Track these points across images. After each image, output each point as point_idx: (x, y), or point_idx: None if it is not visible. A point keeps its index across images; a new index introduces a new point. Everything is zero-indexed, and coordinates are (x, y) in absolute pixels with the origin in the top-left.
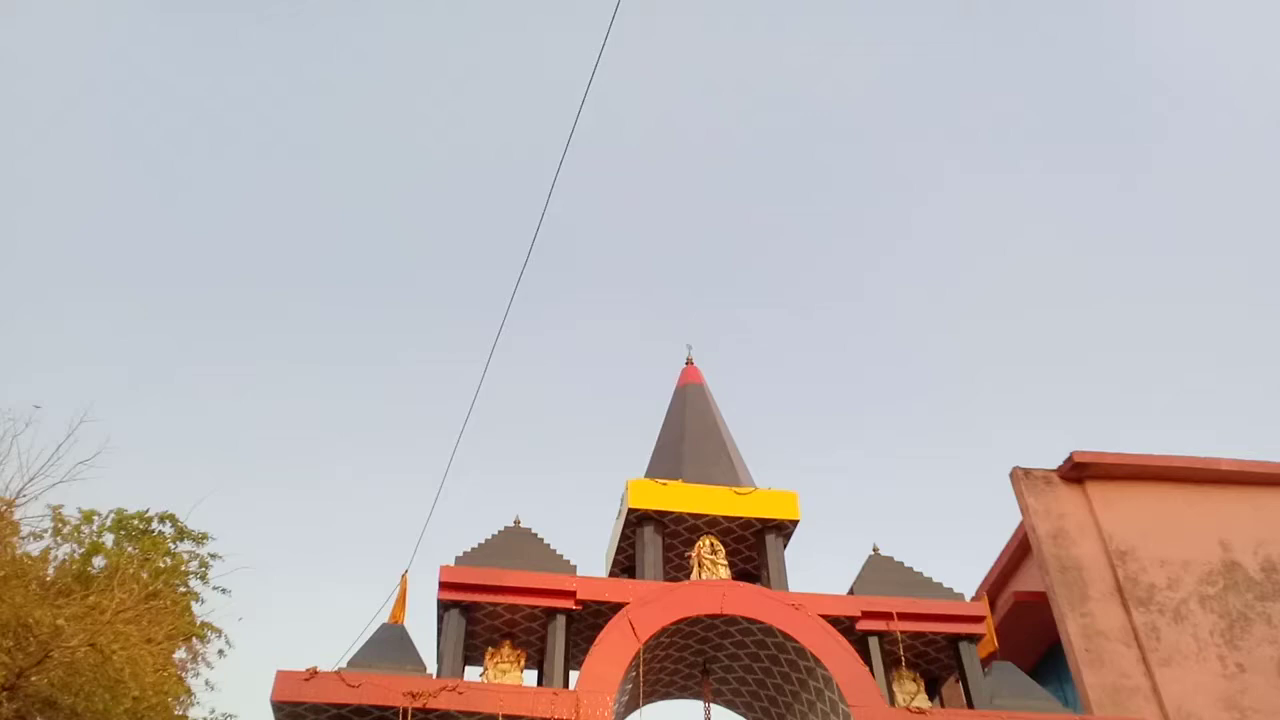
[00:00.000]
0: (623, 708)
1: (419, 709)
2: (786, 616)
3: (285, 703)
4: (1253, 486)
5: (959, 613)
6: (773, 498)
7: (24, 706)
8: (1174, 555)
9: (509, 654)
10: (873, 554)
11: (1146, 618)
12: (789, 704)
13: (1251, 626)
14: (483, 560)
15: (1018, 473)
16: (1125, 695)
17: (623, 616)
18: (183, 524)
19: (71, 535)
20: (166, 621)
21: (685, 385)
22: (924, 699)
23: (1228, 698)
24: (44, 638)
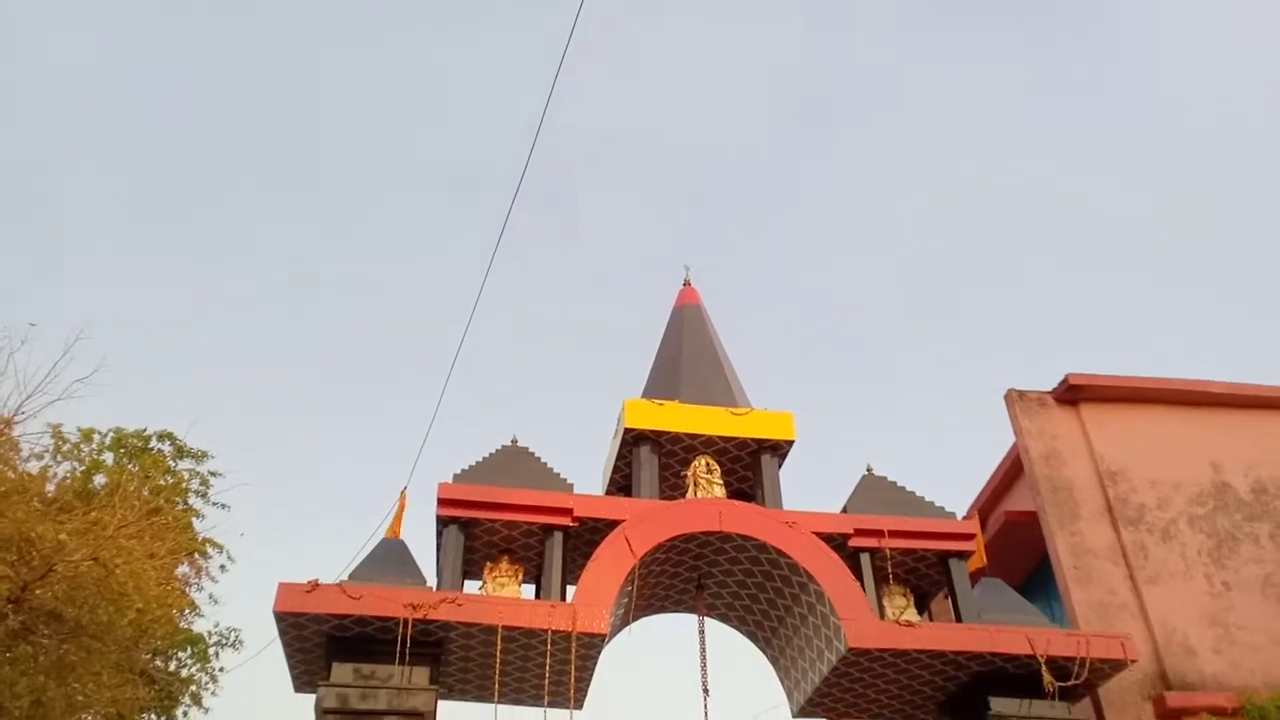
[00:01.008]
0: (618, 620)
1: (419, 620)
2: (780, 534)
3: (287, 614)
4: (1245, 409)
5: (949, 530)
6: (769, 418)
7: (29, 619)
8: (1165, 476)
9: (507, 569)
10: (866, 474)
11: (1135, 537)
12: (781, 618)
13: (1239, 546)
14: (480, 478)
15: (1012, 395)
16: (1111, 611)
17: (619, 533)
18: (181, 442)
19: (71, 453)
20: (168, 537)
21: (683, 306)
22: (913, 613)
23: (1213, 615)
24: (46, 552)
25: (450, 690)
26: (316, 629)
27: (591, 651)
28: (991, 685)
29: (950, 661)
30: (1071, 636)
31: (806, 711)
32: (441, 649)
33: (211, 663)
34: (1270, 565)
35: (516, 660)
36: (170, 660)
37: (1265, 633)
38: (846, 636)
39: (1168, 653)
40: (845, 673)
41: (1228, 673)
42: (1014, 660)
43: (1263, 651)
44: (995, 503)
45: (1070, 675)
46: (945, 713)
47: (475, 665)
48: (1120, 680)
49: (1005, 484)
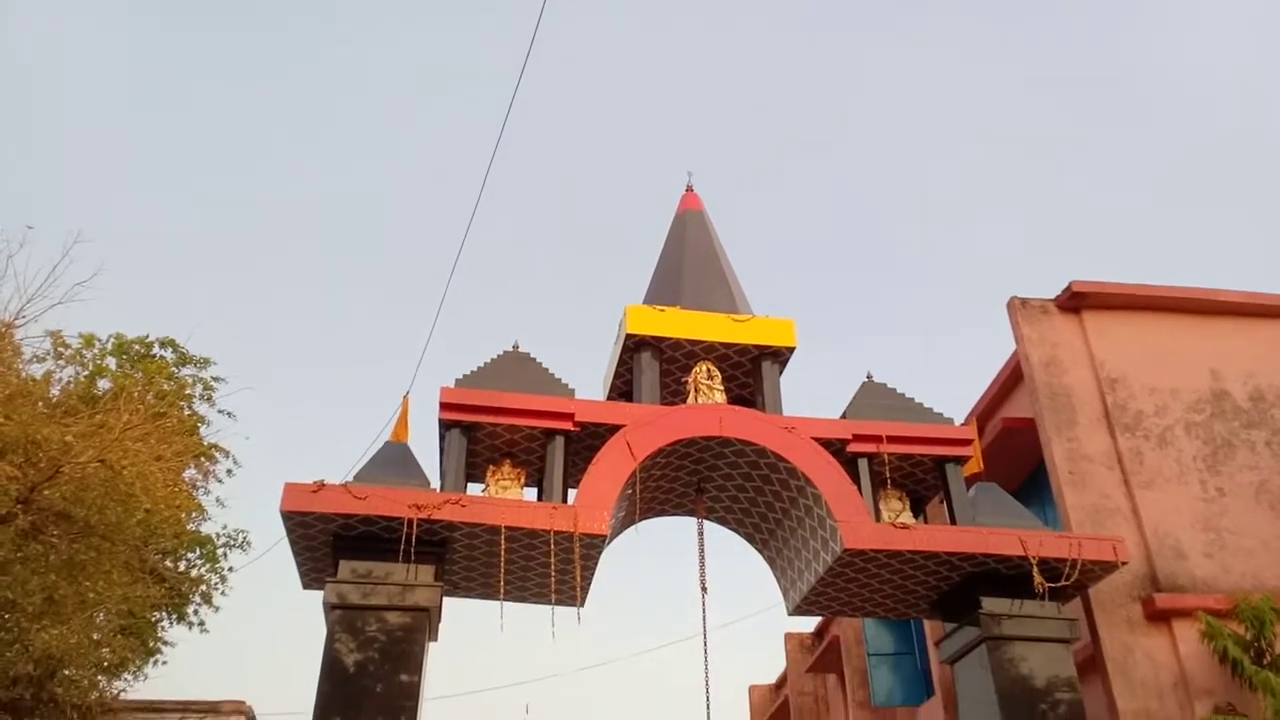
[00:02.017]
0: (619, 523)
1: (423, 520)
2: (780, 439)
3: (294, 513)
4: (1246, 317)
5: (947, 436)
6: (770, 325)
7: (39, 520)
8: (1164, 383)
9: (509, 472)
10: (866, 381)
11: (1131, 443)
12: (779, 520)
13: (1235, 453)
14: (482, 383)
15: (1015, 302)
16: (1105, 515)
17: (620, 437)
18: (183, 349)
19: (74, 358)
20: (174, 441)
21: (685, 212)
22: (909, 516)
23: (1205, 520)
24: (53, 454)
25: (455, 588)
26: (323, 528)
27: (592, 552)
28: (983, 585)
29: (943, 562)
30: (1063, 538)
31: (802, 610)
32: (445, 548)
33: (220, 563)
34: (1265, 472)
35: (519, 560)
36: (180, 561)
37: (1256, 538)
38: (843, 538)
39: (1159, 556)
40: (840, 573)
41: (1218, 576)
42: (1006, 561)
43: (1254, 556)
44: (994, 410)
45: (1061, 576)
46: (937, 611)
47: (479, 564)
48: (1111, 582)
49: (1004, 392)
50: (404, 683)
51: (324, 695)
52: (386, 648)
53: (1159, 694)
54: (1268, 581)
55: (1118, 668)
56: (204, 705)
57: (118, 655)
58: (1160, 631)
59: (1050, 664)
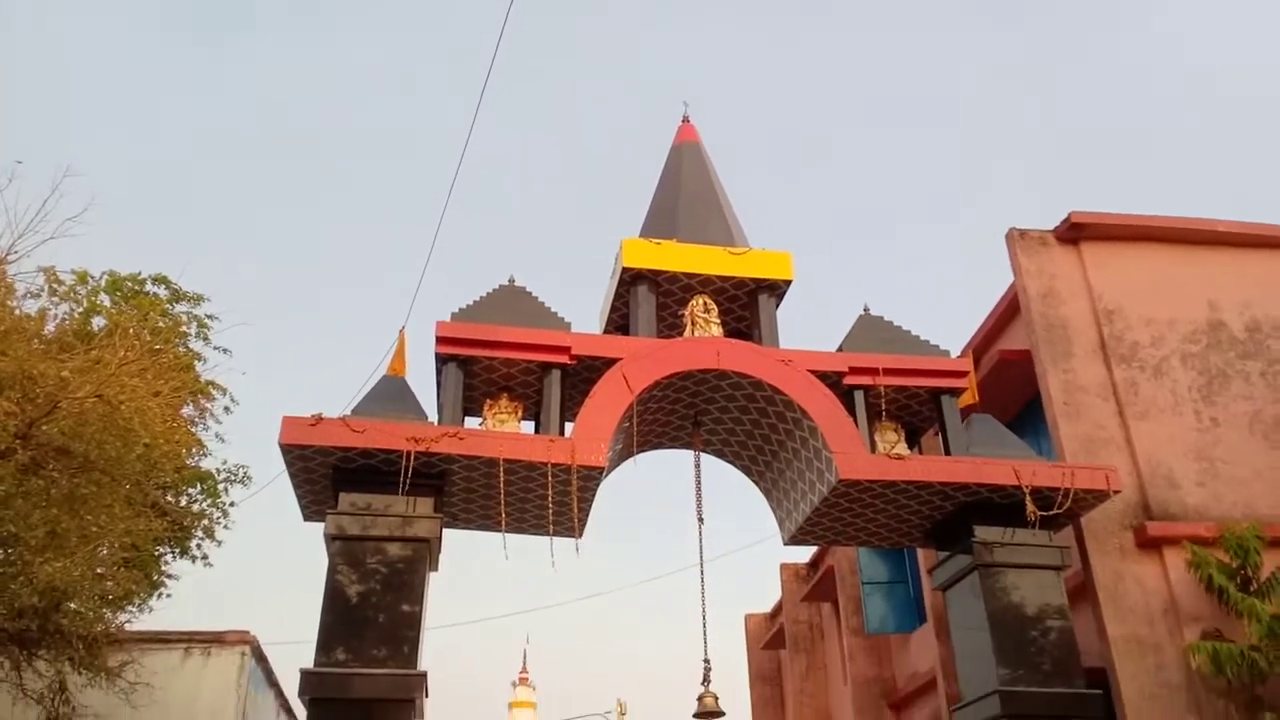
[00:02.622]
0: (616, 455)
1: (421, 453)
2: (777, 371)
3: (293, 445)
4: (1244, 248)
5: (943, 368)
6: (767, 258)
7: (39, 455)
8: (1160, 314)
9: (506, 406)
10: (863, 314)
11: (1127, 374)
12: (775, 452)
13: (1230, 384)
14: (478, 316)
15: (1013, 233)
16: (1098, 446)
17: (617, 370)
18: (176, 285)
19: (67, 295)
20: (171, 377)
21: (681, 144)
22: (903, 448)
23: (1199, 449)
24: (50, 389)
25: (454, 519)
26: (322, 461)
27: (590, 484)
28: (976, 514)
29: (937, 492)
30: (1056, 468)
31: (797, 540)
32: (444, 481)
33: (221, 498)
34: (1259, 402)
35: (517, 492)
36: (181, 496)
37: (1249, 467)
38: (838, 468)
39: (1151, 485)
40: (836, 503)
41: (1209, 504)
42: (1000, 491)
43: (1246, 485)
44: (990, 343)
45: (1053, 505)
46: (931, 540)
47: (478, 496)
48: (1103, 510)
49: (1001, 324)
50: (405, 612)
51: (327, 625)
52: (387, 578)
53: (1149, 620)
54: (1259, 510)
55: (1108, 595)
56: (208, 636)
57: (121, 588)
58: (1151, 559)
59: (1041, 591)
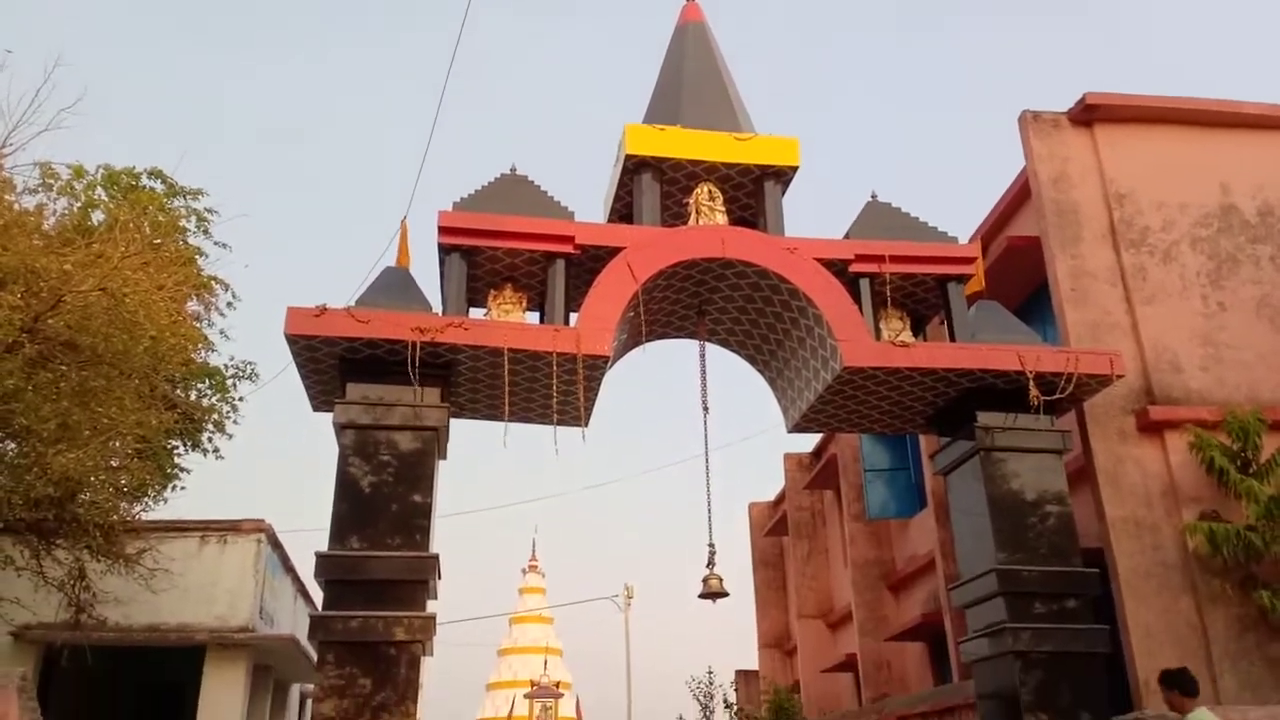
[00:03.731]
0: (621, 345)
1: (427, 343)
2: (782, 259)
3: (298, 336)
4: (1260, 130)
5: (950, 254)
6: (773, 144)
7: (46, 349)
8: (1172, 198)
9: (511, 296)
10: (870, 200)
11: (1136, 259)
12: (780, 341)
13: (1239, 268)
14: (480, 206)
15: (1026, 116)
16: (1104, 331)
17: (621, 259)
18: (173, 180)
19: (65, 190)
20: (173, 270)
21: (685, 24)
22: (909, 335)
23: (1205, 334)
24: (54, 283)
25: (461, 409)
26: (328, 352)
27: (595, 373)
28: (980, 400)
29: (941, 379)
30: (1061, 353)
31: (801, 427)
32: (450, 371)
33: (230, 393)
34: (1267, 286)
35: (523, 382)
36: (190, 391)
37: (1254, 351)
38: (843, 356)
39: (1155, 370)
40: (840, 390)
41: (1212, 389)
42: (1004, 377)
43: (1250, 369)
44: (999, 229)
45: (1057, 390)
46: (933, 426)
47: (484, 386)
48: (1106, 395)
49: (1011, 210)
50: (416, 502)
51: (339, 515)
52: (397, 468)
53: (1147, 502)
54: (1262, 394)
55: (1108, 477)
56: (225, 524)
57: (136, 479)
58: (1152, 443)
59: (1041, 474)
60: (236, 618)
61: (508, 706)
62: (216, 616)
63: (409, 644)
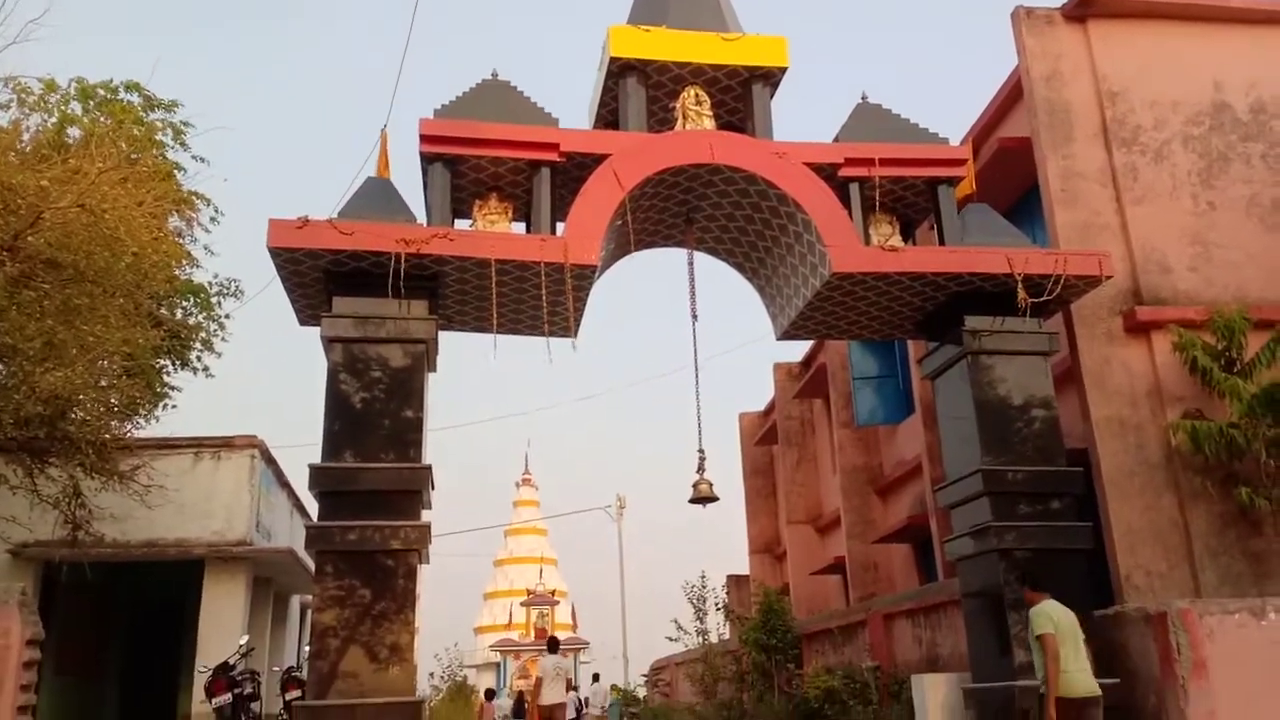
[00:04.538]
0: (609, 255)
1: (412, 254)
2: (770, 164)
3: (281, 249)
4: (1253, 25)
5: (940, 156)
6: (761, 44)
7: (27, 267)
8: (1165, 96)
9: (496, 206)
10: (860, 102)
11: (1127, 158)
12: (768, 248)
13: (1230, 167)
14: (462, 113)
15: (1020, 12)
16: (1094, 232)
17: (607, 167)
18: (149, 92)
19: (38, 105)
20: (152, 186)
21: None
22: (898, 240)
23: (1194, 233)
24: (31, 200)
25: (450, 322)
26: (312, 264)
27: (583, 283)
28: (968, 304)
29: (930, 283)
30: (1049, 255)
31: (790, 335)
32: (437, 283)
33: (216, 310)
34: (1258, 185)
35: (511, 293)
36: (176, 310)
37: (1243, 251)
38: (831, 262)
39: (1144, 271)
40: (829, 297)
41: (1200, 289)
42: (992, 280)
43: (1238, 269)
44: (990, 131)
45: (1045, 292)
46: (922, 331)
47: (471, 298)
48: (1093, 296)
49: (1002, 111)
50: (407, 416)
51: (332, 432)
52: (388, 383)
53: (1132, 402)
54: (1249, 293)
55: (1094, 379)
56: (217, 441)
57: (126, 397)
58: (1138, 343)
59: (1028, 376)
60: (233, 532)
61: (505, 614)
62: (214, 531)
63: (405, 553)
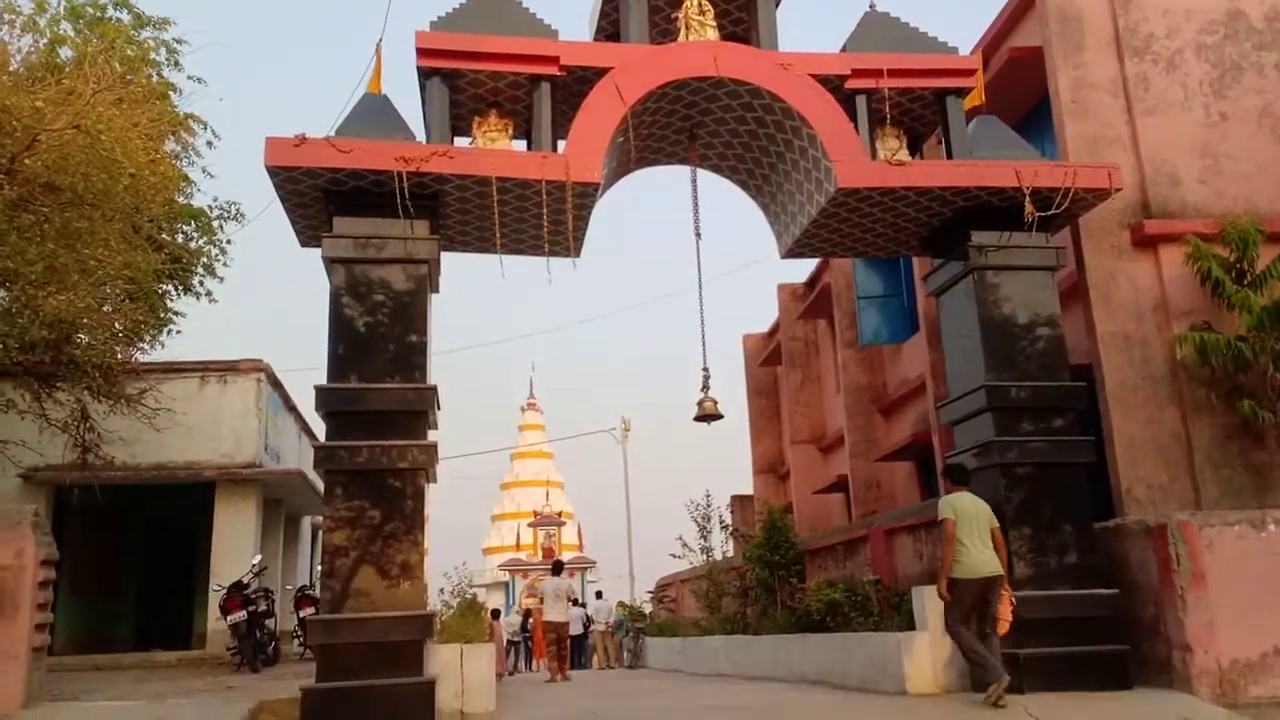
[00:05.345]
0: (611, 173)
1: (412, 173)
2: (776, 77)
3: (279, 168)
4: None
5: (950, 66)
6: None
7: (26, 191)
8: (1178, 3)
9: (496, 123)
10: (869, 10)
11: (1139, 68)
12: (773, 164)
13: (1243, 76)
14: (460, 26)
15: None
16: (1104, 144)
17: (609, 80)
18: (138, 10)
19: (28, 26)
20: (146, 107)
21: None
22: (905, 154)
23: (1205, 145)
24: (26, 122)
25: (451, 242)
26: (311, 184)
27: (585, 201)
28: (974, 220)
29: (937, 198)
30: (1058, 167)
31: (794, 253)
32: (438, 202)
33: (217, 234)
34: (1270, 96)
35: (512, 212)
36: (177, 234)
37: (1253, 162)
38: (837, 177)
39: (1153, 183)
40: (833, 213)
41: (1209, 202)
42: (999, 194)
43: (1249, 180)
44: (1000, 42)
45: (1053, 206)
46: (928, 248)
47: (473, 217)
48: (1102, 210)
49: (1013, 21)
50: (411, 340)
51: (336, 356)
52: (391, 306)
53: (1138, 316)
54: (1259, 205)
55: (1100, 293)
56: (223, 365)
57: (129, 321)
58: (1146, 257)
59: (1034, 292)
60: (242, 454)
61: (513, 536)
62: (223, 454)
63: (413, 472)
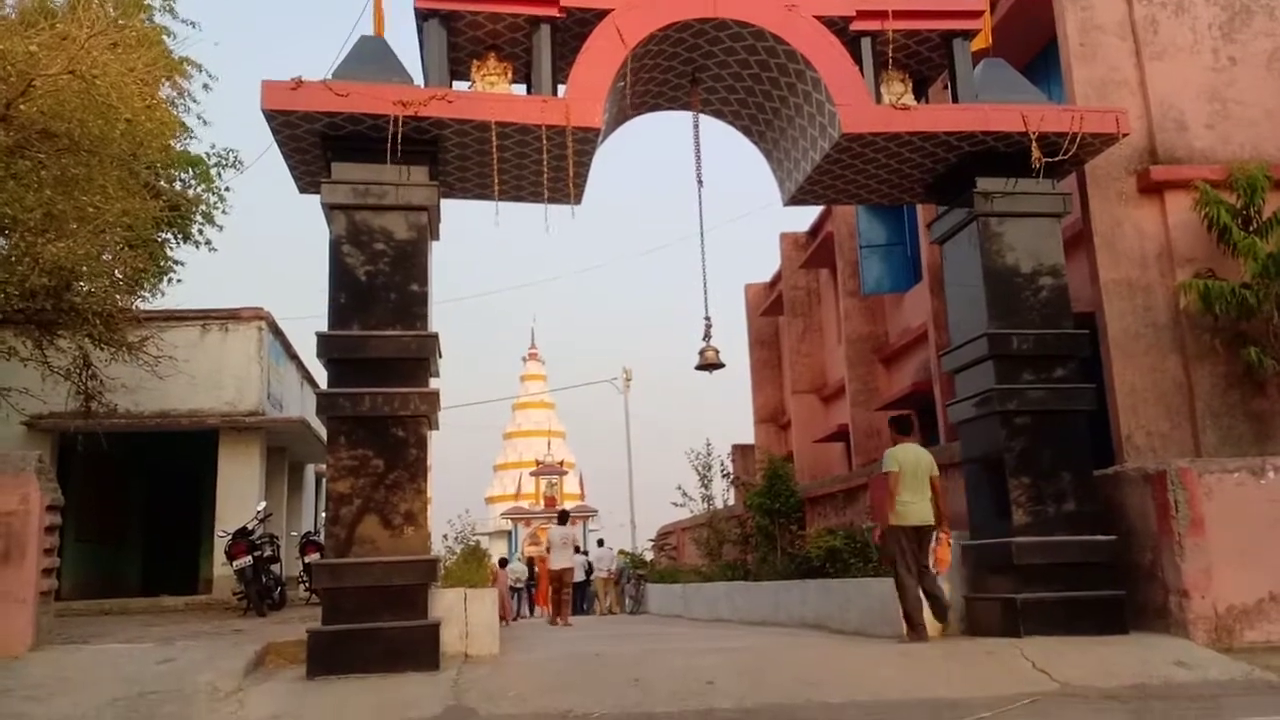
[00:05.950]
0: (612, 119)
1: (410, 117)
2: (779, 18)
3: (276, 111)
4: None
5: (956, 8)
6: None
7: (22, 137)
8: None
9: (495, 66)
10: None
11: (1147, 10)
12: (776, 109)
13: (1253, 19)
14: None
15: None
16: (1111, 89)
17: (609, 22)
18: None
19: None
20: (142, 52)
21: None
22: (910, 98)
23: (1213, 90)
24: (22, 68)
25: (451, 189)
26: (309, 128)
27: (586, 146)
28: (980, 166)
29: (941, 144)
30: (1065, 112)
31: (797, 200)
32: (437, 148)
33: (215, 182)
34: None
35: (512, 157)
36: (175, 182)
37: (1261, 107)
38: (841, 122)
39: (1160, 129)
40: (838, 159)
41: (1216, 147)
42: (1005, 139)
43: (1256, 125)
44: None
45: (1060, 151)
46: (932, 195)
47: (472, 164)
48: (1108, 156)
49: None
50: (413, 289)
51: (337, 303)
52: (390, 251)
53: (1142, 263)
54: (1266, 152)
55: (1104, 240)
56: (224, 313)
57: (129, 269)
58: (1151, 204)
59: (1038, 239)
60: (245, 402)
61: (515, 485)
62: (226, 402)
63: (415, 420)
